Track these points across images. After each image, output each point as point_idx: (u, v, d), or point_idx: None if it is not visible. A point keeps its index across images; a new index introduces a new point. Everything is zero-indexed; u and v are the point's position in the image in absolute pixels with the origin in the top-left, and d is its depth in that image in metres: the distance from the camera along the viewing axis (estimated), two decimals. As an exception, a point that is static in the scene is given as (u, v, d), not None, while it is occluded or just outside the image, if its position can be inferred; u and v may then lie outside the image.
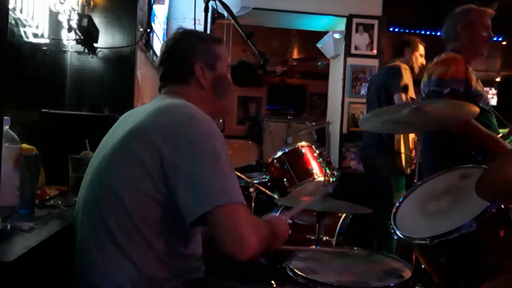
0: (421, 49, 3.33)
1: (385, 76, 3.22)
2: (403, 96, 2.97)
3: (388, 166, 3.07)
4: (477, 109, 1.93)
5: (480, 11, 2.34)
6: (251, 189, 2.76)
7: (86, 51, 2.30)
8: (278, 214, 2.12)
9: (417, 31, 5.13)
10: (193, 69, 1.35)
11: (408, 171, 3.05)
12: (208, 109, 1.31)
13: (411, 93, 3.06)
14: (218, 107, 1.41)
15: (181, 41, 1.39)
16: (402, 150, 3.03)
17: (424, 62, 3.31)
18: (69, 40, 2.25)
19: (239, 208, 1.10)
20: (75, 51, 2.36)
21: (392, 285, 1.37)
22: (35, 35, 1.88)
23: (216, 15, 2.26)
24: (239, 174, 2.91)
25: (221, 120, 8.94)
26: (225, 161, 1.12)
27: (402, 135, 3.05)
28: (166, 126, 1.14)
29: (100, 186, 1.19)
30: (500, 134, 2.26)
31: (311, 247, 1.96)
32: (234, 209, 1.08)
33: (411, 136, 3.13)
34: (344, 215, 2.47)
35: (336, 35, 4.69)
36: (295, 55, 8.16)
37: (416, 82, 3.14)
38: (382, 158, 3.10)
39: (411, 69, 3.26)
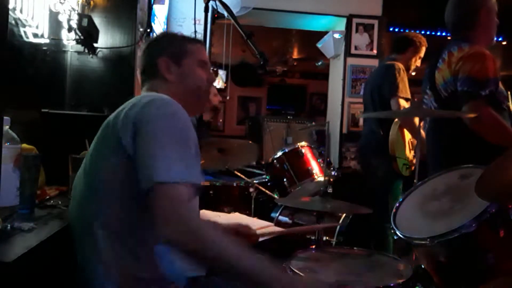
0: (423, 51, 3.17)
1: (381, 77, 3.05)
2: (400, 101, 2.84)
3: (384, 169, 2.97)
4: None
5: None
6: (251, 189, 2.77)
7: (86, 51, 2.30)
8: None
9: (417, 31, 5.12)
10: (156, 63, 1.39)
11: (408, 173, 2.99)
12: (179, 102, 1.30)
13: (407, 94, 2.94)
14: (187, 102, 1.36)
15: (155, 40, 1.47)
16: (396, 154, 2.96)
17: (419, 64, 3.16)
18: (69, 40, 2.25)
19: (176, 189, 1.04)
20: (75, 51, 2.36)
21: (392, 285, 1.37)
22: (35, 35, 1.88)
23: (216, 15, 2.26)
24: (239, 174, 2.91)
25: (220, 120, 8.99)
26: (177, 141, 1.10)
27: (396, 138, 2.97)
28: (133, 115, 1.15)
29: (84, 182, 1.22)
30: None
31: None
32: (170, 188, 1.04)
33: (408, 138, 3.06)
34: (344, 215, 2.47)
35: (336, 35, 4.69)
36: (295, 55, 8.16)
37: (416, 82, 3.11)
38: (378, 161, 3.01)
39: (407, 69, 3.10)
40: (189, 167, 1.09)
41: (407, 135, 3.01)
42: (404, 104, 2.87)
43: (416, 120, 2.12)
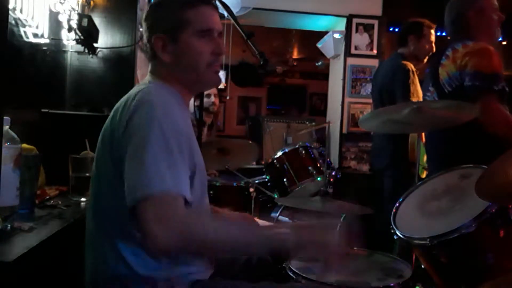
0: (431, 36, 3.00)
1: (391, 79, 2.95)
2: None
3: (402, 177, 2.88)
4: (478, 109, 1.91)
5: None
6: (251, 189, 2.76)
7: (86, 51, 2.30)
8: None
9: (417, 31, 5.11)
10: (151, 42, 1.22)
11: (424, 175, 2.89)
12: (179, 85, 1.25)
13: (419, 97, 2.83)
14: (187, 83, 1.26)
15: (147, 12, 1.27)
16: (421, 162, 2.84)
17: (433, 49, 2.98)
18: (69, 40, 2.25)
19: (154, 201, 0.98)
20: (75, 51, 2.36)
21: (392, 285, 1.37)
22: (35, 35, 1.88)
23: (216, 15, 2.26)
24: (239, 174, 2.91)
25: (219, 122, 8.98)
26: (156, 148, 1.02)
27: (415, 145, 2.88)
28: (123, 125, 1.11)
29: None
30: None
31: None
32: (148, 203, 0.98)
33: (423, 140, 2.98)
34: (344, 215, 2.46)
35: (336, 35, 4.69)
36: (295, 55, 8.16)
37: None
38: (396, 170, 2.95)
39: (419, 59, 2.99)
40: (170, 177, 1.01)
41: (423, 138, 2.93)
42: None
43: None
